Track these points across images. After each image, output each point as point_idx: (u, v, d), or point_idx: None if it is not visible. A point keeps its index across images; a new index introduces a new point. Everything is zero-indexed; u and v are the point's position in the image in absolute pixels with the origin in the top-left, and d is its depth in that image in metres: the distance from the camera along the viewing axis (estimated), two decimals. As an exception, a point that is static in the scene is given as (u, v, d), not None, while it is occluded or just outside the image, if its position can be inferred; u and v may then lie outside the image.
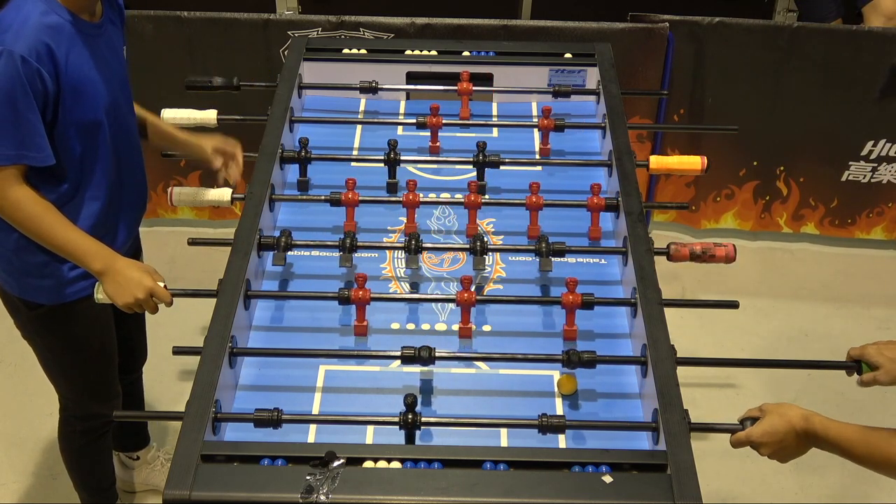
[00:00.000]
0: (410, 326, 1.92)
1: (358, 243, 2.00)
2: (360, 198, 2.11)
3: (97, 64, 1.97)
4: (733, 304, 1.96)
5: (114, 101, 2.03)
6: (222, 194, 2.28)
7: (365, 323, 1.89)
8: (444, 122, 2.33)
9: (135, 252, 2.33)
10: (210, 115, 2.44)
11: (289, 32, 3.31)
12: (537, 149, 2.39)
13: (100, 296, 1.96)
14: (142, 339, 2.56)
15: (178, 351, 1.83)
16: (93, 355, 2.24)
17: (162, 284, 1.94)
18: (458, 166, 2.30)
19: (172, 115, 2.43)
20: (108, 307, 2.17)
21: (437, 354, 1.78)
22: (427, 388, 1.79)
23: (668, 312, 1.81)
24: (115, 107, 2.04)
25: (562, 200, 2.13)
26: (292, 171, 2.24)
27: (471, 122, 2.42)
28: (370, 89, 2.45)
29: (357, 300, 1.84)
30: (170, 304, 1.96)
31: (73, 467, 2.48)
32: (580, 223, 2.16)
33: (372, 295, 1.85)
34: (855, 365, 1.78)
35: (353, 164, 2.32)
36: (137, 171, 2.18)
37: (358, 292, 1.84)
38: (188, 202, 2.30)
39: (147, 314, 2.51)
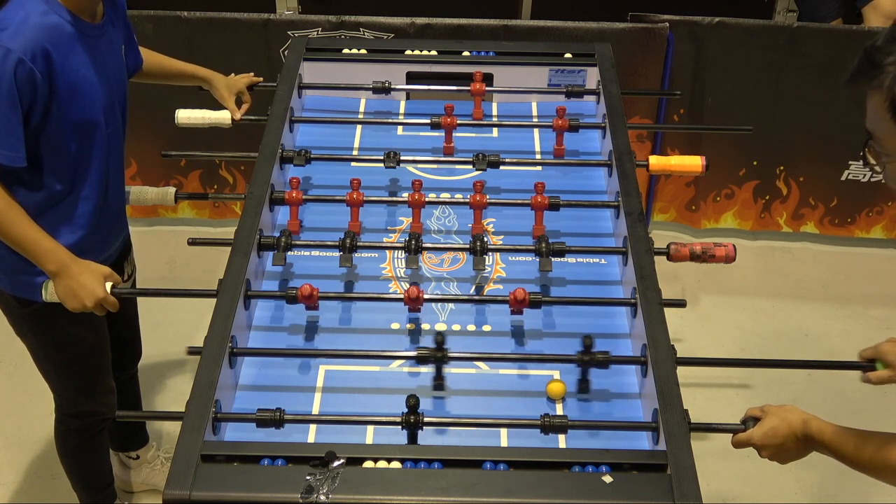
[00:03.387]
0: (410, 326, 1.92)
1: (358, 243, 2.00)
2: (365, 198, 2.10)
3: (96, 64, 1.97)
4: (681, 304, 1.95)
5: (111, 101, 2.04)
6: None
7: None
8: (458, 122, 2.33)
9: (125, 250, 2.34)
10: (224, 116, 2.47)
11: (289, 32, 3.31)
12: (537, 149, 2.39)
13: (48, 295, 1.97)
14: (133, 336, 2.56)
15: (193, 351, 1.82)
16: (85, 352, 2.24)
17: (109, 286, 1.95)
18: (458, 166, 2.30)
19: (187, 115, 2.47)
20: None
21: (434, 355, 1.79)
22: (427, 387, 1.79)
23: (668, 312, 1.81)
24: (111, 107, 2.05)
25: (563, 200, 2.13)
26: (292, 173, 2.23)
27: (473, 122, 2.42)
28: (383, 89, 2.45)
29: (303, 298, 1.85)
30: (116, 310, 1.99)
31: (69, 467, 2.48)
32: (580, 223, 2.16)
33: (371, 294, 1.86)
34: (870, 364, 1.77)
35: (353, 164, 2.32)
36: (121, 172, 2.19)
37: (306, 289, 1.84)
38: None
39: (142, 313, 2.55)
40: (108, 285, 1.96)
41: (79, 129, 1.97)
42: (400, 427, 1.63)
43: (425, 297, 1.91)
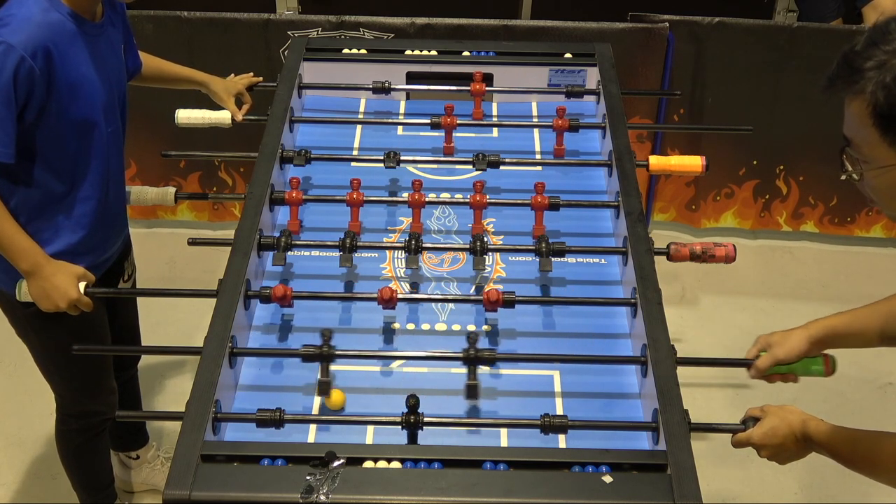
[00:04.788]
0: (410, 326, 1.92)
1: (358, 243, 2.00)
2: (365, 198, 2.11)
3: (96, 63, 1.97)
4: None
5: (110, 100, 2.05)
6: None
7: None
8: (458, 122, 2.32)
9: (125, 250, 2.34)
10: (224, 116, 2.48)
11: (289, 32, 3.31)
12: (537, 149, 2.39)
13: (21, 295, 1.98)
14: (133, 336, 2.56)
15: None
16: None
17: (83, 286, 1.96)
18: (458, 166, 2.30)
19: (187, 115, 2.48)
20: (102, 303, 2.19)
21: (437, 354, 1.79)
22: (427, 387, 1.79)
23: (668, 312, 1.81)
24: (111, 107, 2.05)
25: (563, 200, 2.13)
26: (292, 173, 2.23)
27: (473, 122, 2.42)
28: (383, 89, 2.45)
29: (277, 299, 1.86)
30: (90, 310, 2.01)
31: (70, 466, 2.48)
32: (580, 223, 2.16)
33: (370, 294, 1.86)
34: (755, 358, 1.80)
35: (353, 164, 2.32)
36: (122, 172, 2.19)
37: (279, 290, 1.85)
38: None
39: (142, 313, 2.55)
40: (82, 285, 1.97)
41: (78, 128, 1.97)
42: (400, 427, 1.63)
43: (424, 297, 1.92)
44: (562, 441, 1.68)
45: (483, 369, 1.83)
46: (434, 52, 2.57)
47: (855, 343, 1.76)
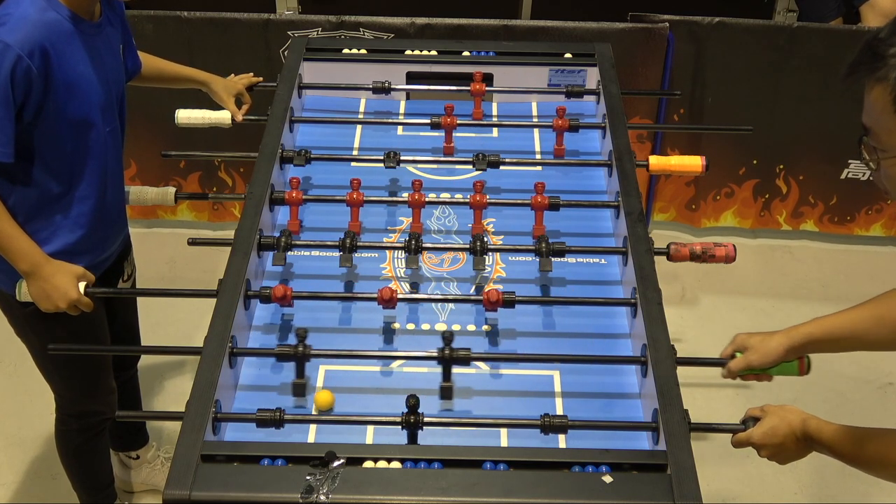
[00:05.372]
0: (410, 326, 1.92)
1: (358, 243, 2.00)
2: (365, 198, 2.11)
3: (93, 62, 1.97)
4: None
5: (108, 100, 2.04)
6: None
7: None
8: (458, 122, 2.33)
9: (125, 250, 2.34)
10: (224, 116, 2.48)
11: (289, 32, 3.31)
12: (537, 149, 2.39)
13: (21, 295, 1.98)
14: (133, 336, 2.56)
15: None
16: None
17: (83, 286, 1.96)
18: (458, 166, 2.30)
19: (187, 115, 2.48)
20: (101, 303, 2.19)
21: (431, 354, 1.79)
22: (427, 388, 1.79)
23: (668, 312, 1.81)
24: (108, 106, 2.05)
25: (563, 200, 2.13)
26: (292, 173, 2.23)
27: (473, 122, 2.42)
28: (383, 89, 2.45)
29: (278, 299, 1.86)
30: (90, 310, 2.01)
31: (70, 466, 2.48)
32: (580, 223, 2.16)
33: (369, 295, 1.86)
34: (732, 358, 1.79)
35: (353, 164, 2.32)
36: (120, 172, 2.19)
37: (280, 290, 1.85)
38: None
39: (142, 312, 2.55)
40: (82, 285, 1.97)
41: (75, 127, 1.97)
42: (400, 427, 1.63)
43: (424, 297, 1.91)
44: (562, 441, 1.68)
45: (484, 369, 1.84)
46: (434, 52, 2.57)
47: (838, 349, 1.75)
